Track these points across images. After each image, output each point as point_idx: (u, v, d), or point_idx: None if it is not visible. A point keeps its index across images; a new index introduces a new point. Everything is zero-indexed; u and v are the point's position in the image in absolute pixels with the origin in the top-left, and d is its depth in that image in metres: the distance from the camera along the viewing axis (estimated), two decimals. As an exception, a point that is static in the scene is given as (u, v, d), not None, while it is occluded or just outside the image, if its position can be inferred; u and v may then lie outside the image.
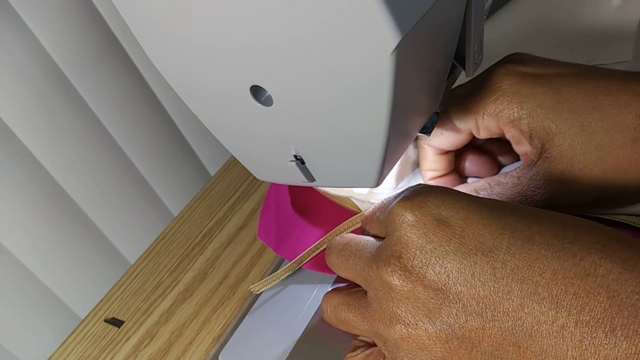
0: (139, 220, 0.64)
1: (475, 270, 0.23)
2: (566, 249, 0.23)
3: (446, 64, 0.30)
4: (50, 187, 0.55)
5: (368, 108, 0.24)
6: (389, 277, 0.25)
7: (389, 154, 0.27)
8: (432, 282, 0.24)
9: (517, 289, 0.22)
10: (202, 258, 0.48)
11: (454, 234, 0.24)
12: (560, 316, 0.21)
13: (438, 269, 0.24)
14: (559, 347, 0.21)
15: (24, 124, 0.51)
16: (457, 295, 0.23)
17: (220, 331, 0.42)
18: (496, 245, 0.23)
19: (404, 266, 0.24)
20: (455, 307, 0.23)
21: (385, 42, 0.20)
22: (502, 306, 0.22)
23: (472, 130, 0.34)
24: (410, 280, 0.24)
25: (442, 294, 0.23)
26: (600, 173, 0.30)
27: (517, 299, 0.22)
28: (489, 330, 0.23)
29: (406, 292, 0.24)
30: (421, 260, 0.24)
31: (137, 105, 0.61)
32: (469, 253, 0.23)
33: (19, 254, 0.53)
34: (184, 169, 0.69)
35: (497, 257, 0.23)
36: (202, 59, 0.25)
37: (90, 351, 0.44)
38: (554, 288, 0.22)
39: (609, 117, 0.29)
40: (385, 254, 0.26)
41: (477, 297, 0.23)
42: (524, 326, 0.22)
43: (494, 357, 0.23)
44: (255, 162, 0.33)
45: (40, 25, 0.51)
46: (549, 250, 0.23)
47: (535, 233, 0.23)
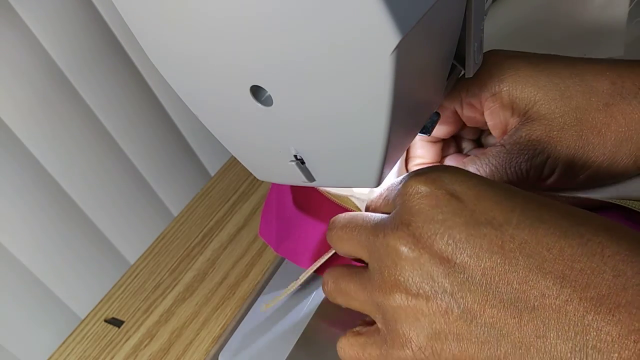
0: (139, 220, 0.64)
1: (483, 242, 0.23)
2: (574, 229, 0.23)
3: (446, 64, 0.30)
4: (51, 187, 0.55)
5: (368, 108, 0.24)
6: (396, 242, 0.25)
7: (389, 154, 0.27)
8: (439, 251, 0.24)
9: (523, 262, 0.22)
10: (202, 258, 0.48)
11: (465, 207, 0.24)
12: (564, 291, 0.22)
13: (446, 238, 0.24)
14: (561, 321, 0.21)
15: (25, 124, 0.51)
16: (463, 265, 0.23)
17: (220, 331, 0.42)
18: (506, 220, 0.23)
19: (413, 233, 0.24)
20: (459, 277, 0.23)
21: (385, 42, 0.20)
22: (506, 278, 0.22)
23: (457, 109, 0.35)
24: (417, 247, 0.24)
25: (448, 263, 0.23)
26: (577, 134, 0.31)
27: (523, 272, 0.22)
28: (491, 302, 0.23)
29: (412, 259, 0.24)
30: (430, 229, 0.24)
31: (137, 106, 0.61)
32: (478, 225, 0.23)
33: (19, 254, 0.53)
34: (184, 169, 0.69)
35: (506, 231, 0.23)
36: (203, 59, 0.25)
37: (90, 351, 0.44)
38: (560, 264, 0.22)
39: (586, 82, 0.31)
40: (393, 222, 0.26)
41: (482, 268, 0.23)
42: (527, 299, 0.22)
43: (494, 329, 0.23)
44: (255, 162, 0.33)
45: (41, 25, 0.51)
46: (557, 229, 0.23)
47: (544, 213, 0.24)
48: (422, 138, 0.37)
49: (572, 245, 0.22)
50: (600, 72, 0.32)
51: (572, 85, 0.32)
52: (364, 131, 0.26)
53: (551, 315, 0.22)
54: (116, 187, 0.61)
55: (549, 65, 0.33)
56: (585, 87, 0.31)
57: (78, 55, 0.54)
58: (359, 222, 0.28)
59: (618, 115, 0.31)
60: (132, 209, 0.63)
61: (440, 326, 0.24)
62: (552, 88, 0.32)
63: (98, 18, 0.55)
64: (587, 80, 0.32)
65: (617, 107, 0.31)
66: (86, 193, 0.58)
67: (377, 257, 0.26)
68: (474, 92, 0.34)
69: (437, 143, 0.38)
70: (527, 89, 0.32)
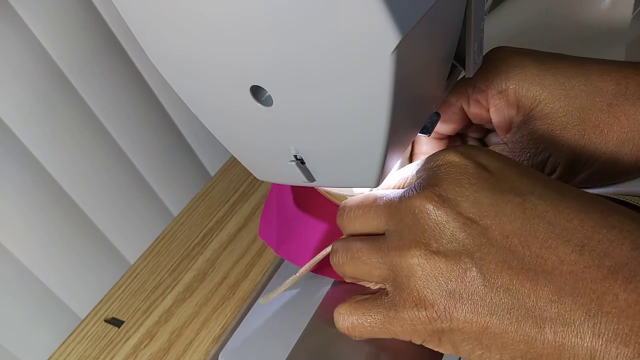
0: (139, 220, 0.64)
1: (506, 207, 0.24)
2: (595, 206, 0.24)
3: (446, 64, 0.30)
4: (51, 187, 0.55)
5: (368, 108, 0.24)
6: (421, 201, 0.25)
7: (389, 154, 0.27)
8: (464, 211, 0.24)
9: (543, 229, 0.23)
10: (202, 258, 0.48)
11: (491, 176, 0.25)
12: (583, 259, 0.22)
13: (472, 200, 0.24)
14: (578, 287, 0.22)
15: (24, 124, 0.51)
16: (486, 227, 0.24)
17: (220, 331, 0.42)
18: (530, 190, 0.24)
19: (439, 194, 0.25)
20: (481, 239, 0.24)
21: (385, 42, 0.20)
22: (527, 243, 0.23)
23: (463, 105, 0.36)
24: (443, 206, 0.24)
25: (472, 223, 0.24)
26: (579, 133, 0.32)
27: (543, 238, 0.23)
28: (509, 265, 0.23)
29: (435, 217, 0.25)
30: (457, 192, 0.25)
31: (137, 105, 0.61)
32: (503, 192, 0.24)
33: (19, 254, 0.53)
34: (184, 169, 0.69)
35: (529, 199, 0.24)
36: (203, 59, 0.25)
37: (90, 351, 0.44)
38: (580, 233, 0.23)
39: (591, 82, 0.32)
40: (419, 186, 0.26)
41: (504, 231, 0.23)
42: (546, 264, 0.23)
43: (509, 293, 0.23)
44: (255, 162, 0.33)
45: (41, 25, 0.51)
46: (578, 204, 0.24)
47: (566, 190, 0.25)
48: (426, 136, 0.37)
49: (593, 219, 0.23)
50: (606, 73, 0.32)
51: (577, 85, 0.32)
52: (364, 131, 0.26)
53: (568, 280, 0.22)
54: (116, 187, 0.61)
55: (555, 64, 0.33)
56: (590, 87, 0.32)
57: (78, 55, 0.54)
58: (376, 196, 0.28)
59: (621, 116, 0.31)
60: (132, 209, 0.63)
61: (457, 285, 0.24)
62: (557, 87, 0.32)
63: (98, 18, 0.55)
64: (593, 80, 0.32)
65: (621, 108, 0.31)
66: (86, 193, 0.58)
67: (397, 219, 0.26)
68: (480, 89, 0.34)
69: (443, 140, 0.38)
70: (533, 88, 0.32)
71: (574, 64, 0.33)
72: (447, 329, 0.24)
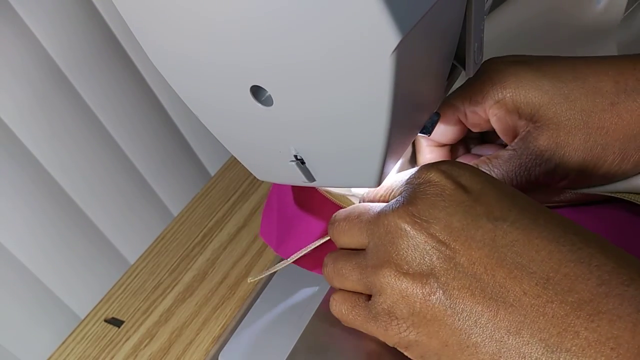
0: (139, 220, 0.64)
1: (477, 233, 0.24)
2: (567, 237, 0.23)
3: (446, 64, 0.30)
4: (51, 187, 0.55)
5: (368, 108, 0.24)
6: (397, 219, 0.25)
7: (389, 154, 0.27)
8: (435, 234, 0.24)
9: (510, 259, 0.23)
10: (202, 258, 0.48)
11: (467, 199, 0.25)
12: (546, 293, 0.22)
13: (444, 223, 0.24)
14: (538, 321, 0.22)
15: (24, 123, 0.51)
16: (454, 252, 0.24)
17: (220, 331, 0.42)
18: (503, 217, 0.24)
19: (414, 214, 0.25)
20: (448, 263, 0.24)
21: (385, 42, 0.20)
22: (492, 271, 0.23)
23: (461, 118, 0.36)
24: (416, 226, 0.25)
25: (442, 247, 0.24)
26: (584, 136, 0.32)
27: (509, 267, 0.23)
28: (472, 291, 0.23)
29: (408, 237, 0.25)
30: (431, 212, 0.25)
31: (137, 105, 0.61)
32: (476, 216, 0.24)
33: (19, 254, 0.53)
34: (184, 169, 0.69)
35: (501, 226, 0.24)
36: (203, 59, 0.25)
37: (90, 351, 0.44)
38: (547, 266, 0.23)
39: (589, 84, 0.32)
40: (397, 202, 0.26)
41: (471, 257, 0.24)
42: (508, 295, 0.23)
43: (470, 319, 0.23)
44: (255, 162, 0.33)
45: (41, 25, 0.51)
46: (550, 233, 0.24)
47: (541, 218, 0.24)
48: (429, 143, 0.37)
49: (562, 251, 0.23)
50: (602, 72, 0.32)
51: (575, 88, 0.32)
52: (364, 131, 0.26)
53: (528, 313, 0.22)
54: (116, 187, 0.61)
55: (550, 68, 0.33)
56: (588, 89, 0.32)
57: (78, 55, 0.54)
58: (360, 211, 0.29)
59: (624, 113, 0.31)
60: (132, 208, 0.63)
61: (422, 306, 0.24)
62: (556, 92, 0.32)
63: (98, 18, 0.55)
64: (590, 82, 0.32)
65: (623, 105, 0.31)
66: (86, 193, 0.58)
67: (376, 236, 0.27)
68: (476, 101, 0.34)
69: (445, 147, 0.38)
70: (531, 94, 0.32)
71: (569, 67, 0.33)
72: (413, 341, 0.25)
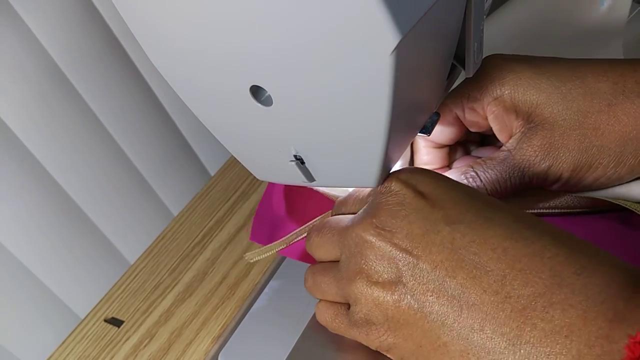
0: (139, 220, 0.64)
1: (436, 238, 0.25)
2: (521, 232, 0.25)
3: (446, 64, 0.30)
4: (50, 187, 0.55)
5: (368, 108, 0.24)
6: (362, 232, 0.27)
7: (389, 154, 0.27)
8: (399, 243, 0.26)
9: (469, 259, 0.24)
10: (202, 258, 0.48)
11: (426, 205, 0.26)
12: (503, 289, 0.23)
13: (406, 231, 0.26)
14: (499, 317, 0.23)
15: (24, 123, 0.51)
16: (417, 258, 0.25)
17: (220, 331, 0.42)
18: (460, 219, 0.26)
19: (377, 225, 0.26)
20: (414, 269, 0.25)
21: (385, 42, 0.21)
22: (453, 272, 0.24)
23: (459, 115, 0.35)
24: (380, 237, 0.26)
25: (406, 254, 0.26)
26: (579, 138, 0.32)
27: (468, 268, 0.24)
28: (437, 294, 0.25)
29: (375, 248, 0.26)
30: (393, 223, 0.26)
31: (137, 105, 0.61)
32: (434, 222, 0.26)
33: (19, 254, 0.53)
34: (184, 169, 0.69)
35: (458, 229, 0.25)
36: (202, 59, 0.26)
37: (90, 351, 0.44)
38: (503, 263, 0.24)
39: (587, 85, 0.32)
40: (363, 215, 0.28)
41: (433, 261, 0.25)
42: (469, 295, 0.24)
43: (438, 320, 0.25)
44: (255, 162, 0.33)
45: (40, 25, 0.51)
46: (505, 230, 0.25)
47: (497, 216, 0.26)
48: (427, 144, 0.37)
49: (516, 247, 0.24)
50: (602, 73, 0.32)
51: (573, 88, 0.32)
52: (363, 131, 0.26)
53: (489, 310, 0.23)
54: (116, 187, 0.61)
55: (549, 67, 0.33)
56: (586, 89, 0.31)
57: (78, 55, 0.54)
58: (332, 225, 0.30)
59: (621, 115, 0.31)
60: (132, 209, 0.63)
61: (394, 312, 0.26)
62: (554, 91, 0.32)
63: (98, 18, 0.55)
64: (589, 82, 0.32)
65: (621, 107, 0.31)
66: (86, 193, 0.58)
67: (347, 249, 0.28)
68: (475, 97, 0.34)
69: (443, 148, 0.38)
70: (529, 92, 0.32)
71: (569, 67, 0.33)
72: (392, 344, 0.27)
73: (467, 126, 0.36)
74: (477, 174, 0.34)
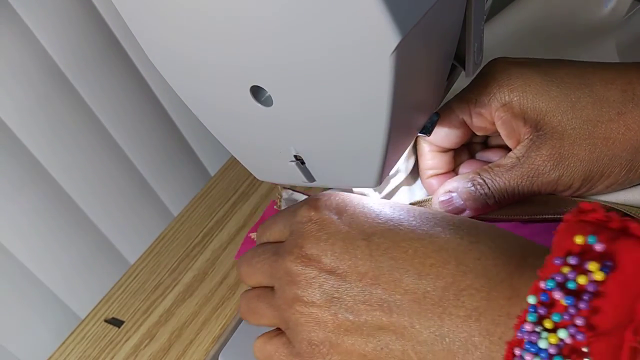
0: (139, 220, 0.64)
1: (357, 252, 0.27)
2: (427, 231, 0.27)
3: (446, 64, 0.30)
4: (50, 187, 0.55)
5: (368, 108, 0.24)
6: (291, 264, 0.28)
7: (389, 154, 0.27)
8: (326, 266, 0.27)
9: (387, 265, 0.26)
10: (202, 258, 0.48)
11: (344, 225, 0.28)
12: (421, 285, 0.25)
13: (330, 254, 0.27)
14: (423, 313, 0.25)
15: (24, 123, 0.51)
16: (344, 274, 0.27)
17: (220, 331, 0.42)
18: (374, 231, 0.27)
19: (304, 254, 0.28)
20: (342, 285, 0.27)
21: (385, 42, 0.21)
22: (377, 279, 0.26)
23: (466, 120, 0.35)
24: (309, 265, 0.27)
25: (334, 274, 0.27)
26: (590, 147, 0.31)
27: (388, 272, 0.26)
28: (367, 302, 0.26)
29: (305, 276, 0.27)
30: (318, 249, 0.27)
31: (137, 105, 0.61)
32: (353, 238, 0.27)
33: (19, 254, 0.53)
34: (184, 169, 0.69)
35: (373, 240, 0.27)
36: (203, 60, 0.26)
37: (90, 351, 0.44)
38: (416, 262, 0.26)
39: (596, 93, 0.31)
40: (288, 246, 0.29)
41: (358, 273, 0.26)
42: (395, 297, 0.25)
43: (373, 325, 0.26)
44: (255, 162, 0.33)
45: (40, 26, 0.51)
46: (412, 232, 0.27)
47: (404, 221, 0.28)
48: (432, 149, 0.36)
49: (425, 245, 0.26)
50: (610, 81, 0.31)
51: (582, 97, 0.31)
52: (364, 131, 0.26)
53: (414, 308, 0.25)
54: (116, 187, 0.61)
55: (558, 73, 0.32)
56: (595, 98, 0.31)
57: (78, 55, 0.54)
58: (259, 255, 0.31)
59: (632, 123, 0.30)
60: (132, 209, 0.63)
61: (333, 327, 0.27)
62: (563, 99, 0.31)
63: (98, 18, 0.55)
64: (597, 91, 0.31)
65: (630, 115, 0.30)
66: (86, 193, 0.58)
67: (278, 278, 0.29)
68: (482, 102, 0.34)
69: (449, 152, 0.37)
70: (538, 99, 0.32)
71: (577, 73, 0.32)
72: (340, 359, 0.28)
73: (474, 130, 0.36)
74: (484, 181, 0.33)
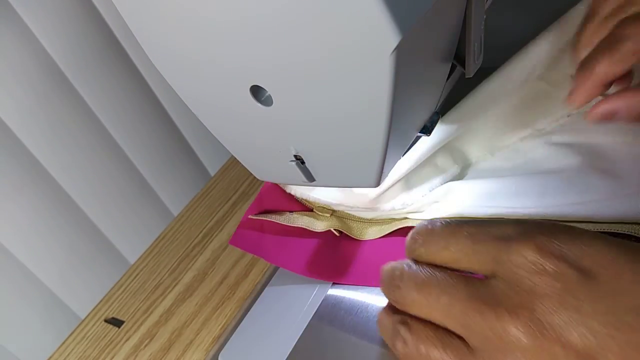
0: (139, 220, 0.64)
1: (632, 336, 0.19)
2: None
3: (446, 64, 0.30)
4: (50, 187, 0.55)
5: (368, 108, 0.24)
6: (516, 331, 0.20)
7: (389, 154, 0.27)
8: (575, 345, 0.20)
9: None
10: (202, 258, 0.48)
11: (601, 289, 0.20)
12: None
13: (583, 330, 0.19)
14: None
15: (24, 123, 0.51)
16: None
17: (220, 331, 0.42)
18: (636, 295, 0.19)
19: (539, 321, 0.20)
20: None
21: (385, 42, 0.20)
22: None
23: None
24: (546, 338, 0.20)
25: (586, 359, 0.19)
26: None
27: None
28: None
29: (539, 352, 0.20)
30: (563, 319, 0.20)
31: (137, 105, 0.61)
32: (623, 314, 0.19)
33: (19, 254, 0.53)
34: (184, 169, 0.69)
35: (637, 310, 0.19)
36: (203, 59, 0.26)
37: (90, 351, 0.44)
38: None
39: None
40: (506, 301, 0.21)
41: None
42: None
43: None
44: (255, 162, 0.33)
45: (41, 25, 0.51)
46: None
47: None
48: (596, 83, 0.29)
49: None
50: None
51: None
52: (363, 131, 0.26)
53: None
54: (116, 187, 0.61)
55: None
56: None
57: (78, 55, 0.54)
58: (440, 285, 0.23)
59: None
60: (132, 209, 0.63)
61: None
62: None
63: (98, 18, 0.55)
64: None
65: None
66: (86, 193, 0.58)
67: (481, 337, 0.21)
68: None
69: None
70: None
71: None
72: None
73: None
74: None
